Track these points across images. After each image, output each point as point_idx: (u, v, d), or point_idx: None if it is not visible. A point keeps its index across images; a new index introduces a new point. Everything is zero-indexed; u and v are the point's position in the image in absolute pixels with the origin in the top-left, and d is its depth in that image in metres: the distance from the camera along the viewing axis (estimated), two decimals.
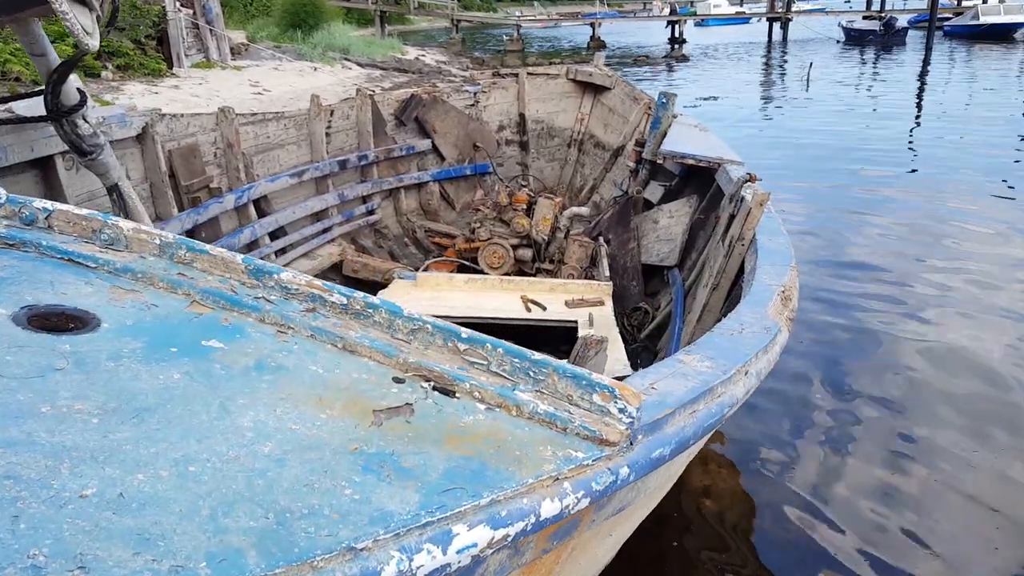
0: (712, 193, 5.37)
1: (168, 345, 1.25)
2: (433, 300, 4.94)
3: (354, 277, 5.91)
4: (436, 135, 7.31)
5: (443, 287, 5.18)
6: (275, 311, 1.41)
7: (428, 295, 5.04)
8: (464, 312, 4.74)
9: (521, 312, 4.77)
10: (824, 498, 3.69)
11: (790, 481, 3.84)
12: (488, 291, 5.13)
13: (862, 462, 3.99)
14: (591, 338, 2.27)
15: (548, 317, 4.65)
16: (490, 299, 4.98)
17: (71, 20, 2.25)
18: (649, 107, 7.05)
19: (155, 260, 1.49)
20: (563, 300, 4.89)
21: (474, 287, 5.17)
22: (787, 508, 3.62)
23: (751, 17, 51.30)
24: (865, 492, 3.74)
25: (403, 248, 6.85)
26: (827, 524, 3.52)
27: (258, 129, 5.40)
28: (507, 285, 5.16)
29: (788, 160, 11.46)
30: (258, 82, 17.78)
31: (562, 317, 4.62)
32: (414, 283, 5.17)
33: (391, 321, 1.44)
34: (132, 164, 4.14)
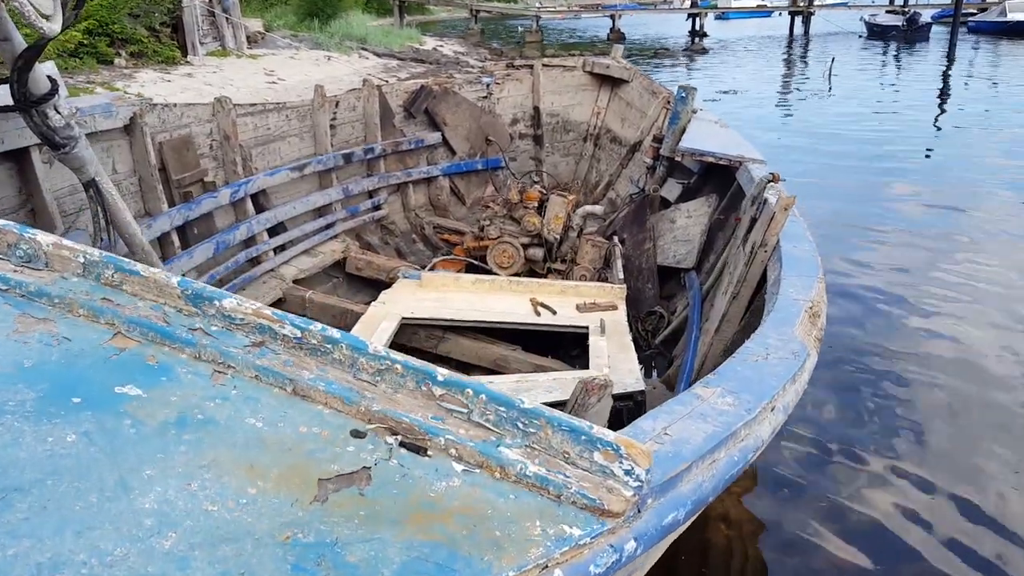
0: (732, 193, 5.09)
1: (71, 394, 1.01)
2: (438, 301, 4.71)
3: (358, 275, 5.69)
4: (447, 128, 7.06)
5: (449, 287, 4.95)
6: (213, 346, 1.18)
7: (433, 296, 4.81)
8: (470, 315, 4.51)
9: (530, 316, 4.53)
10: (845, 522, 3.44)
11: (807, 504, 3.58)
12: (496, 292, 4.89)
13: (883, 483, 3.72)
14: (592, 383, 2.01)
15: (558, 322, 4.40)
16: (498, 301, 4.74)
17: (20, 1, 2.03)
18: (668, 101, 6.75)
19: (78, 282, 1.26)
20: (575, 303, 4.64)
21: (481, 288, 4.93)
22: (803, 532, 3.37)
23: (772, 11, 50.45)
24: (890, 517, 3.48)
25: (410, 245, 6.62)
26: (846, 549, 3.27)
27: (257, 120, 5.17)
28: (516, 287, 4.91)
29: (808, 157, 11.12)
30: (273, 71, 17.61)
31: (573, 322, 4.37)
32: (419, 283, 4.95)
33: (354, 359, 1.20)
34: (119, 157, 3.92)
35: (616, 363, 3.66)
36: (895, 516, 3.49)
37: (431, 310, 4.57)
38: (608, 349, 3.85)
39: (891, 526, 3.43)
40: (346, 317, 4.81)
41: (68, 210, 3.49)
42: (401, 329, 4.36)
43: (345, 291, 5.71)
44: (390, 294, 4.77)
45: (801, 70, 24.85)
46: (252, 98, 13.60)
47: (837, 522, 3.45)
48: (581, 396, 2.12)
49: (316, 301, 4.95)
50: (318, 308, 4.95)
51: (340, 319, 4.85)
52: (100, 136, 3.67)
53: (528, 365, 4.34)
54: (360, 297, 5.65)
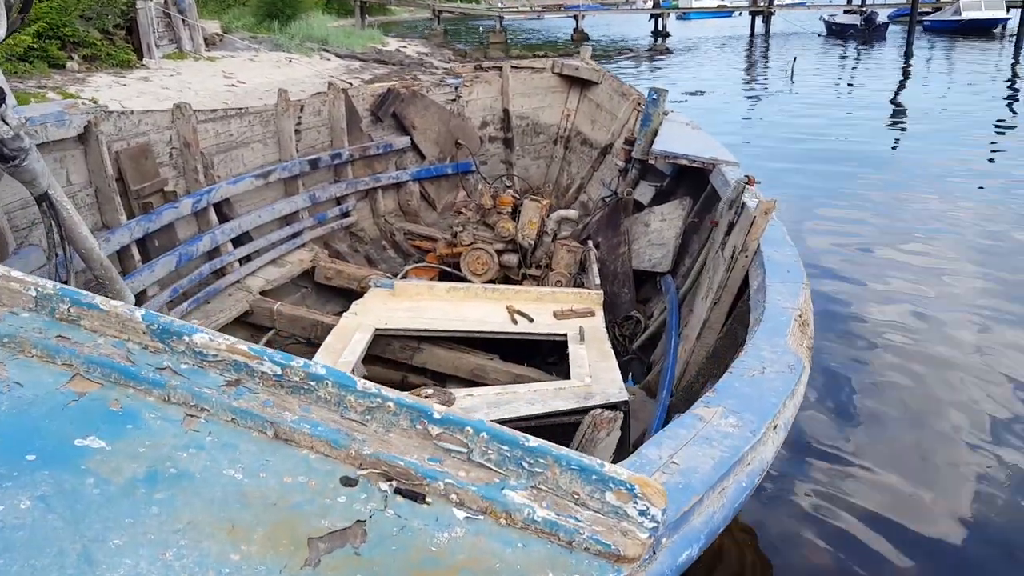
0: (707, 195, 5.07)
1: (24, 450, 0.90)
2: (412, 311, 4.59)
3: (327, 284, 5.54)
4: (415, 132, 6.93)
5: (423, 296, 4.83)
6: (184, 387, 1.06)
7: (407, 305, 4.69)
8: (445, 325, 4.41)
9: (507, 324, 4.44)
10: (827, 522, 3.41)
11: (789, 504, 3.56)
12: (471, 300, 4.79)
13: (875, 493, 3.71)
14: (600, 417, 1.91)
15: (536, 330, 4.32)
16: (473, 309, 4.64)
17: None
18: (638, 103, 6.72)
19: (29, 317, 1.13)
20: (551, 310, 4.56)
21: (456, 296, 4.82)
22: (787, 533, 3.34)
23: (733, 11, 51.19)
24: (868, 515, 3.47)
25: (381, 252, 6.48)
26: (826, 550, 3.25)
27: (219, 127, 4.98)
28: (492, 294, 4.82)
29: (773, 155, 11.23)
30: (232, 74, 17.27)
31: (551, 330, 4.29)
32: (392, 292, 4.82)
33: (340, 397, 1.10)
34: (73, 167, 3.73)
35: (597, 372, 3.58)
36: (873, 514, 3.50)
37: (405, 320, 4.46)
38: (588, 357, 3.77)
39: (870, 524, 3.43)
40: (317, 329, 4.67)
41: (20, 225, 3.30)
42: (375, 340, 4.24)
43: (315, 301, 5.55)
44: (362, 304, 4.63)
45: (763, 70, 25.20)
46: (211, 102, 13.30)
47: (818, 523, 3.43)
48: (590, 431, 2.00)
49: (285, 313, 4.79)
50: (287, 320, 4.79)
51: (311, 331, 4.71)
52: (52, 146, 3.49)
53: (506, 375, 4.25)
54: (331, 307, 5.50)
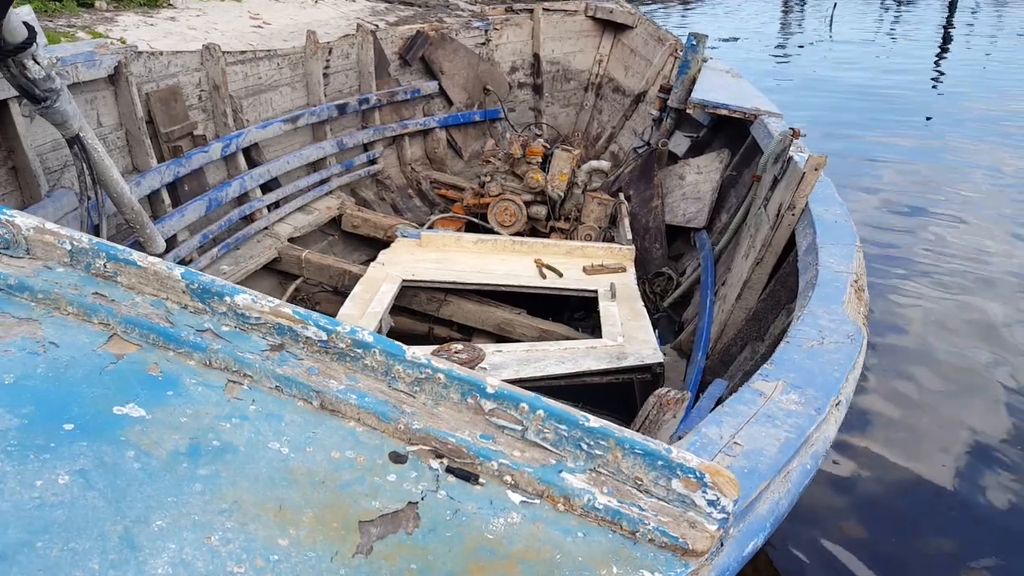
0: (747, 148, 4.90)
1: (62, 418, 0.86)
2: (439, 263, 4.55)
3: (354, 233, 5.50)
4: (444, 76, 6.77)
5: (450, 247, 4.78)
6: (226, 351, 1.02)
7: (434, 256, 4.64)
8: (472, 277, 4.36)
9: (535, 278, 4.38)
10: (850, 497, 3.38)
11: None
12: (499, 253, 4.73)
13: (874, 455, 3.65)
14: (667, 396, 1.82)
15: (565, 285, 4.25)
16: (500, 262, 4.58)
17: None
18: (675, 49, 6.48)
19: (65, 273, 1.09)
20: (581, 265, 4.49)
21: (483, 248, 4.76)
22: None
23: None
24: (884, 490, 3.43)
25: (407, 200, 6.41)
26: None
27: (248, 69, 4.89)
28: (519, 247, 4.75)
29: (812, 105, 10.89)
30: (258, 15, 16.98)
31: (581, 286, 4.23)
32: (418, 242, 4.77)
33: (389, 366, 1.05)
34: (104, 109, 3.68)
35: (630, 331, 3.53)
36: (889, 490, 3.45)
37: (432, 272, 4.42)
38: (620, 315, 3.71)
39: (912, 500, 3.38)
40: (344, 277, 4.65)
41: (52, 167, 3.27)
42: (402, 291, 4.21)
43: (341, 249, 5.52)
44: (389, 254, 4.60)
45: (800, 16, 24.29)
46: (238, 43, 13.11)
47: (858, 499, 3.39)
48: (654, 412, 1.91)
49: (313, 261, 4.77)
50: (315, 268, 4.78)
51: (338, 280, 4.69)
52: (83, 87, 3.43)
53: (534, 330, 4.22)
54: (356, 256, 5.48)
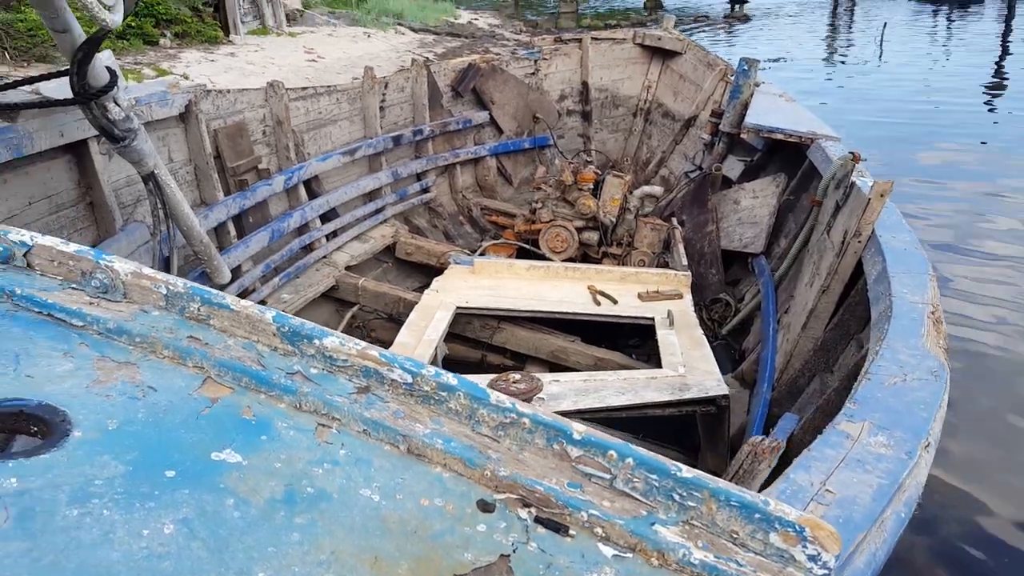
0: (804, 171, 4.83)
1: (164, 465, 0.88)
2: (492, 289, 4.57)
3: (408, 260, 5.58)
4: (494, 106, 6.87)
5: (503, 274, 4.80)
6: (315, 394, 1.04)
7: (487, 283, 4.67)
8: (525, 304, 4.36)
9: (589, 305, 4.36)
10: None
11: None
12: (551, 280, 4.73)
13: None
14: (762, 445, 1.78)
15: (620, 312, 4.23)
16: (553, 289, 4.58)
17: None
18: (725, 74, 6.46)
19: (160, 316, 1.13)
20: (636, 291, 4.46)
21: (536, 275, 4.77)
22: None
23: None
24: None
25: (458, 227, 6.48)
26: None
27: (309, 104, 5.04)
28: (572, 273, 4.74)
29: (862, 128, 10.67)
30: (312, 49, 17.51)
31: (636, 313, 4.19)
32: (471, 269, 4.81)
33: (473, 410, 1.05)
34: (175, 145, 3.83)
35: (691, 360, 3.48)
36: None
37: (486, 299, 4.44)
38: (680, 344, 3.66)
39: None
40: (399, 304, 4.71)
41: (126, 201, 3.41)
42: (455, 318, 4.24)
43: (395, 276, 5.61)
44: (443, 281, 4.64)
45: (848, 37, 23.97)
46: (293, 76, 13.53)
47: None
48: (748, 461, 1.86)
49: (369, 288, 4.85)
50: (371, 295, 4.85)
51: (393, 307, 4.76)
52: (156, 125, 3.58)
53: (589, 358, 4.19)
54: (410, 282, 5.55)
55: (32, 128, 2.82)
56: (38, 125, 2.85)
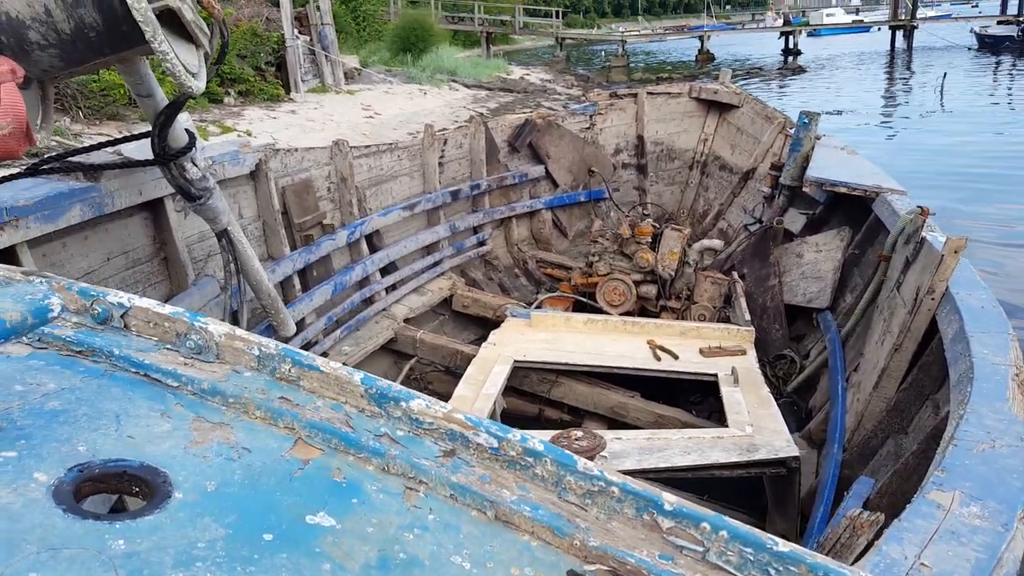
0: (869, 226, 4.72)
1: (261, 527, 0.88)
2: (549, 343, 4.54)
3: (464, 312, 5.61)
4: (550, 160, 6.95)
5: (560, 328, 4.77)
6: (403, 457, 1.03)
7: (544, 337, 4.64)
8: (584, 359, 4.32)
9: (649, 360, 4.29)
10: None
11: None
12: (609, 334, 4.68)
13: None
14: (861, 519, 1.72)
15: (682, 368, 4.14)
16: (612, 343, 4.53)
17: (172, 61, 2.01)
18: (784, 127, 6.42)
19: (252, 377, 1.14)
20: (697, 347, 4.37)
21: (594, 329, 4.73)
22: None
23: (871, 26, 48.65)
24: None
25: (513, 280, 6.51)
26: None
27: (372, 161, 5.19)
28: (631, 327, 4.69)
29: (926, 180, 10.42)
30: (370, 105, 18.15)
31: (699, 369, 4.10)
32: (528, 322, 4.79)
33: (560, 477, 1.02)
34: (245, 202, 3.97)
35: (758, 419, 3.37)
36: None
37: (543, 353, 4.41)
38: (745, 402, 3.56)
39: None
40: (456, 357, 4.72)
41: (197, 257, 3.53)
42: (513, 371, 4.21)
43: (451, 328, 5.63)
44: (500, 334, 4.63)
45: (906, 87, 23.68)
46: (351, 132, 13.99)
47: None
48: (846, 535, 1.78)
49: (427, 341, 4.88)
50: (429, 348, 4.87)
51: (450, 359, 4.76)
52: (228, 183, 3.72)
53: (649, 414, 4.10)
54: (467, 334, 5.56)
55: (113, 187, 2.95)
56: (118, 184, 2.99)
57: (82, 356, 1.15)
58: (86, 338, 1.16)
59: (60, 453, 0.92)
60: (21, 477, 0.86)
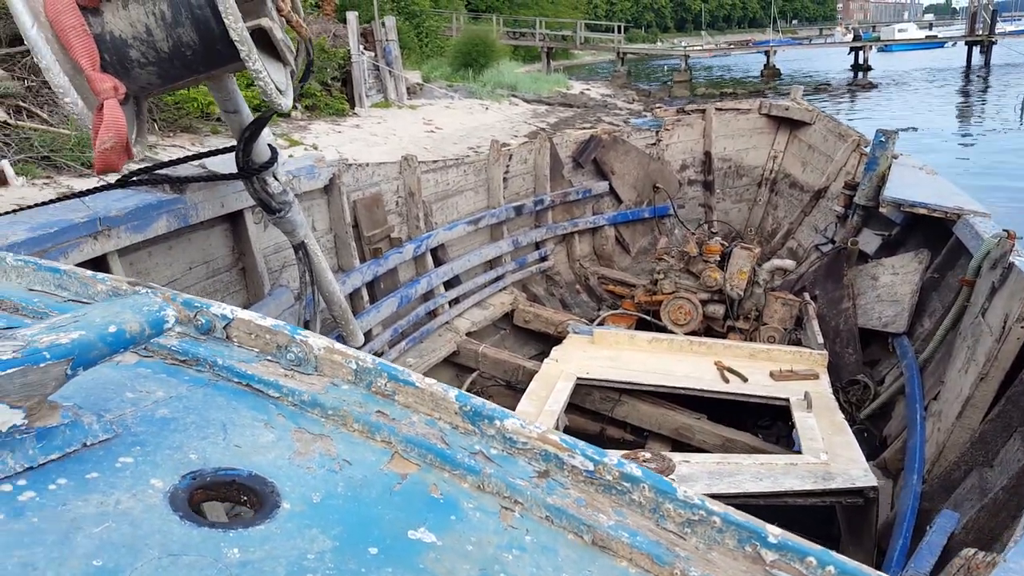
0: (949, 248, 4.54)
1: (366, 541, 0.88)
2: (612, 361, 4.49)
3: (525, 327, 5.61)
4: (614, 176, 6.91)
5: (623, 345, 4.71)
6: (498, 475, 1.02)
7: (607, 354, 4.60)
8: (649, 378, 4.25)
9: (716, 382, 4.20)
10: None
11: None
12: (675, 353, 4.60)
13: None
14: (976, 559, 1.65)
15: (752, 391, 4.04)
16: (677, 363, 4.45)
17: (264, 79, 2.07)
18: (859, 145, 6.24)
19: (349, 390, 1.15)
20: (767, 370, 4.26)
21: (659, 348, 4.66)
22: None
23: (945, 41, 47.08)
24: None
25: (575, 296, 6.48)
26: None
27: (439, 176, 5.26)
28: (698, 348, 4.60)
29: (1014, 201, 9.97)
30: (431, 120, 18.41)
31: (769, 393, 3.99)
32: (590, 339, 4.75)
33: (658, 503, 1.00)
34: (318, 215, 4.07)
35: (833, 447, 3.25)
36: None
37: (606, 370, 4.36)
38: (819, 428, 3.44)
39: None
40: (518, 373, 4.72)
41: (272, 267, 3.62)
42: (575, 389, 4.18)
43: (512, 343, 5.64)
44: (562, 351, 4.60)
45: (984, 105, 22.77)
46: (413, 146, 14.21)
47: None
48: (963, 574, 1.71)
49: (489, 355, 4.89)
50: (490, 362, 4.89)
51: (512, 374, 4.76)
52: (303, 196, 3.81)
53: (716, 437, 4.01)
54: (527, 350, 5.56)
55: (197, 199, 3.06)
56: (202, 197, 3.09)
57: (186, 365, 1.18)
58: (190, 348, 1.20)
59: (173, 460, 0.94)
60: (139, 483, 0.89)
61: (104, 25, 2.06)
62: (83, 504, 0.84)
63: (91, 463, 0.91)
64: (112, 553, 0.78)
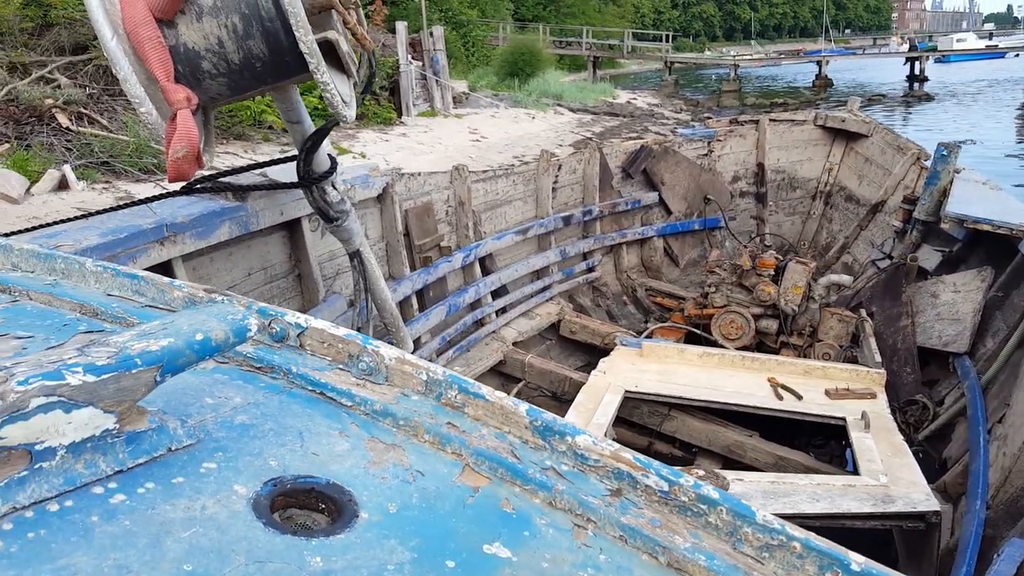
0: (1015, 267, 4.39)
1: (442, 554, 0.88)
2: (661, 375, 4.44)
3: (571, 338, 5.59)
4: (664, 187, 6.85)
5: (672, 359, 4.65)
6: (570, 492, 1.01)
7: (655, 367, 4.54)
8: (700, 393, 4.19)
9: (769, 399, 4.12)
10: None
11: None
12: (726, 368, 4.53)
13: None
14: None
15: (807, 409, 3.95)
16: (728, 379, 4.37)
17: (331, 91, 2.11)
18: (918, 158, 6.08)
19: (419, 400, 1.16)
20: (822, 387, 4.16)
21: (709, 362, 4.58)
22: None
23: (1007, 51, 45.64)
24: None
25: (621, 307, 6.43)
26: None
27: (488, 186, 5.29)
28: (750, 363, 4.51)
29: None
30: (476, 129, 18.52)
31: (825, 411, 3.90)
32: (639, 352, 4.71)
33: (735, 527, 0.98)
34: (371, 223, 4.13)
35: (892, 469, 3.16)
36: None
37: (655, 384, 4.31)
38: (878, 450, 3.35)
39: None
40: (564, 384, 4.70)
41: (326, 274, 3.68)
42: (623, 402, 4.14)
43: (558, 353, 5.62)
44: (609, 363, 4.57)
45: None
46: (458, 155, 14.31)
47: None
48: None
49: (535, 366, 4.89)
50: (537, 373, 4.88)
51: (558, 385, 4.74)
52: (357, 205, 3.87)
53: (769, 456, 3.93)
54: (573, 361, 5.53)
55: (258, 207, 3.13)
56: (263, 205, 3.16)
57: (261, 372, 1.20)
58: (265, 355, 1.22)
59: (254, 467, 0.96)
60: (223, 488, 0.90)
61: (178, 37, 2.12)
62: (171, 508, 0.86)
63: (177, 468, 0.93)
64: (201, 558, 0.79)
